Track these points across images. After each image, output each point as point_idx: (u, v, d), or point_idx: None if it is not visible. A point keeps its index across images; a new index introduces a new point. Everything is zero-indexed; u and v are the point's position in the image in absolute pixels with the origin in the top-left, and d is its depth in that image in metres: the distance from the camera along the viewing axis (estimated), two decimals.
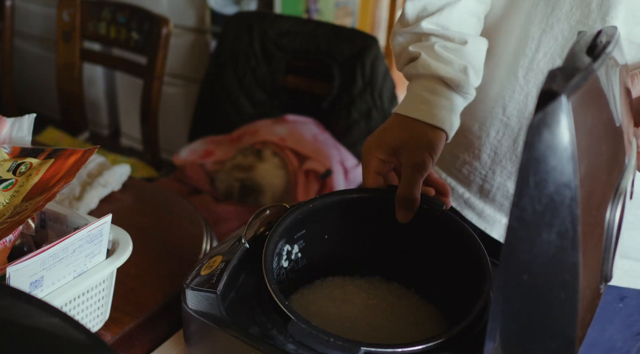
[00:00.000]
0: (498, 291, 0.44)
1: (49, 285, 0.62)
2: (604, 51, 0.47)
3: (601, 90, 0.45)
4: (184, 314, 0.64)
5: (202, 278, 0.62)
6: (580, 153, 0.39)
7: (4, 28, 1.96)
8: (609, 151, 0.47)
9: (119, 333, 0.72)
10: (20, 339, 0.40)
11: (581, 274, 0.42)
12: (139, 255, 0.82)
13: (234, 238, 0.68)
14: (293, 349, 0.54)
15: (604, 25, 0.63)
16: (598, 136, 0.44)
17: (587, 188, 0.41)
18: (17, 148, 0.75)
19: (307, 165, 1.76)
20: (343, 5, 2.40)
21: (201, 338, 0.63)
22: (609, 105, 0.46)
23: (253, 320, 0.58)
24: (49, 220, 0.74)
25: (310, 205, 0.68)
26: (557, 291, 0.42)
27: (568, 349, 0.45)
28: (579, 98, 0.40)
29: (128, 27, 1.77)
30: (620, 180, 0.49)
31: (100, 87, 3.00)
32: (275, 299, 0.57)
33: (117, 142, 3.09)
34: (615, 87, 0.49)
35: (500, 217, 0.76)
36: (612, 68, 0.48)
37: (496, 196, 0.75)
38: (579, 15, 0.64)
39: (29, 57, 3.12)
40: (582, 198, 0.40)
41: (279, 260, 0.67)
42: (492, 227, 0.77)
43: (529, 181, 0.39)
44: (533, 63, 0.69)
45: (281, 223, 0.65)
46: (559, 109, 0.38)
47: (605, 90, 0.46)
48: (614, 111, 0.48)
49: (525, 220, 0.40)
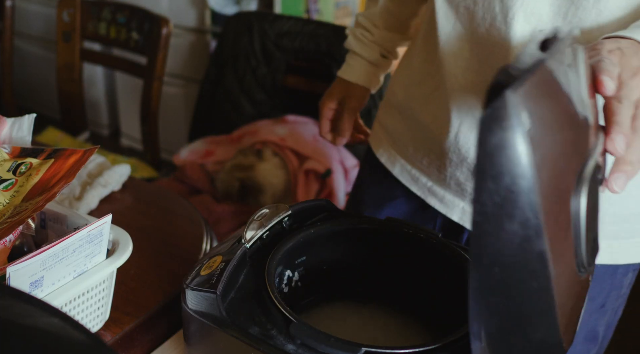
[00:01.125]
0: (474, 288, 0.44)
1: (49, 285, 0.62)
2: (556, 44, 0.47)
3: (554, 81, 0.45)
4: (184, 314, 0.64)
5: (202, 278, 0.63)
6: (534, 143, 0.40)
7: (4, 28, 1.96)
8: (568, 139, 0.48)
9: (119, 333, 0.72)
10: (20, 339, 0.40)
11: (551, 261, 0.42)
12: (139, 255, 0.82)
13: (233, 238, 0.68)
14: (293, 349, 0.54)
15: (511, 26, 0.69)
16: (553, 125, 0.45)
17: (545, 177, 0.42)
18: (17, 148, 0.75)
19: (307, 165, 1.76)
20: (343, 6, 2.40)
21: (201, 338, 0.63)
22: (565, 94, 0.47)
23: (253, 320, 0.58)
24: (49, 220, 0.74)
25: (312, 230, 0.69)
26: (529, 281, 0.43)
27: (552, 337, 0.45)
28: (528, 90, 0.40)
29: (128, 27, 1.77)
30: (583, 167, 0.49)
31: (100, 87, 3.00)
32: (276, 303, 0.58)
33: (117, 142, 3.09)
34: (580, 73, 0.49)
35: (458, 201, 0.83)
36: (571, 57, 0.48)
37: (451, 184, 0.82)
38: (489, 19, 0.72)
39: (29, 57, 3.12)
40: (541, 187, 0.40)
41: (279, 283, 0.68)
42: (452, 211, 0.84)
43: (485, 176, 0.40)
44: (469, 64, 0.76)
45: (283, 245, 0.66)
46: (507, 103, 0.39)
47: (560, 80, 0.46)
48: (575, 99, 0.48)
49: (487, 213, 0.41)
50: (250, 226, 0.67)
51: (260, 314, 0.58)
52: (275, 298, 0.58)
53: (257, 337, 0.56)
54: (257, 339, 0.56)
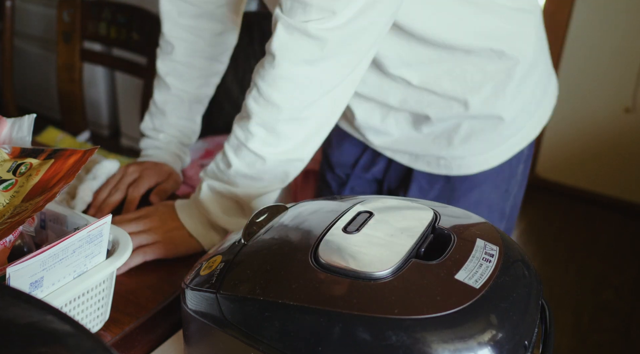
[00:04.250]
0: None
1: (49, 285, 0.62)
2: None
3: None
4: (184, 314, 0.64)
5: (201, 278, 0.63)
6: None
7: (4, 28, 1.96)
8: None
9: (119, 333, 0.72)
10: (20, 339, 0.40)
11: None
12: None
13: (233, 238, 0.68)
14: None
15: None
16: None
17: None
18: (17, 149, 0.75)
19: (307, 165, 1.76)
20: None
21: (201, 338, 0.63)
22: None
23: (253, 320, 0.58)
24: (49, 220, 0.74)
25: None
26: None
27: None
28: None
29: (128, 27, 1.77)
30: None
31: (100, 87, 3.00)
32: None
33: (117, 142, 3.10)
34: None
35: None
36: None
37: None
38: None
39: (29, 57, 3.12)
40: None
41: None
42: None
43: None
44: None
45: None
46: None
47: None
48: None
49: None
50: (249, 226, 0.67)
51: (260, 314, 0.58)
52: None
53: (257, 337, 0.56)
54: (257, 339, 0.56)
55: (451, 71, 0.93)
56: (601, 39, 2.68)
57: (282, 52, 0.78)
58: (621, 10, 2.61)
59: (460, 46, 0.90)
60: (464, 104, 0.95)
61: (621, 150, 2.78)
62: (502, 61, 0.93)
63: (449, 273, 0.54)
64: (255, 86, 0.82)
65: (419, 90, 0.95)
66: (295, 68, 0.79)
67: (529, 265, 0.60)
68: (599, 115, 2.79)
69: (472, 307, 0.52)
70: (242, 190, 0.87)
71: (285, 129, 0.84)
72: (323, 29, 0.75)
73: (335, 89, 0.83)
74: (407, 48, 0.90)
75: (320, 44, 0.76)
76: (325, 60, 0.78)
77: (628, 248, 2.63)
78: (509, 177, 1.07)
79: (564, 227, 2.75)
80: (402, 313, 0.51)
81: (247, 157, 0.85)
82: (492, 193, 1.06)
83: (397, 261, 0.55)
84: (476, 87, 0.94)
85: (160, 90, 1.10)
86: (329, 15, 0.74)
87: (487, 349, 0.50)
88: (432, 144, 1.01)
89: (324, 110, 0.85)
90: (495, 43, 0.91)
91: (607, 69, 2.71)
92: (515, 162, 1.06)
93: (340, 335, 0.52)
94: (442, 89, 0.95)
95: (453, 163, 1.02)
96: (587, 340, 2.07)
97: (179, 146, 1.11)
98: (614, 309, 2.23)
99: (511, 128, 1.01)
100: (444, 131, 0.99)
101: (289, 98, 0.81)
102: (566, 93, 2.83)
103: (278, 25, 0.77)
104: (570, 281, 2.38)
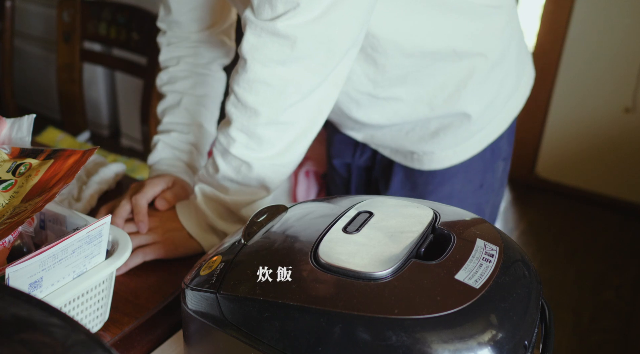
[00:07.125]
0: None
1: (49, 285, 0.62)
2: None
3: None
4: (184, 314, 0.64)
5: (201, 278, 0.63)
6: None
7: (4, 28, 1.96)
8: None
9: (119, 333, 0.72)
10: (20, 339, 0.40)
11: None
12: None
13: (233, 238, 0.68)
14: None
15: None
16: None
17: None
18: (17, 149, 0.75)
19: (307, 165, 1.76)
20: None
21: (201, 338, 0.63)
22: None
23: (253, 320, 0.58)
24: (48, 220, 0.74)
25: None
26: None
27: None
28: None
29: (128, 27, 1.77)
30: None
31: (100, 87, 3.00)
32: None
33: (117, 142, 3.10)
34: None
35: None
36: None
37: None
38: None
39: (29, 57, 3.12)
40: None
41: None
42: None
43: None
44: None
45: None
46: None
47: None
48: None
49: None
50: (249, 226, 0.67)
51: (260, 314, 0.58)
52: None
53: (257, 337, 0.56)
54: (257, 339, 0.56)
55: (417, 79, 0.93)
56: (601, 39, 2.69)
57: (253, 54, 0.77)
58: (621, 10, 2.61)
59: (429, 51, 0.89)
60: (429, 105, 0.96)
61: (621, 150, 2.78)
62: (464, 60, 0.93)
63: (449, 273, 0.54)
64: (232, 91, 0.81)
65: (385, 100, 0.96)
66: (267, 70, 0.77)
67: (529, 265, 0.60)
68: (598, 115, 2.79)
69: (472, 307, 0.52)
70: (230, 198, 0.86)
71: (266, 133, 0.82)
72: (292, 26, 0.74)
73: (316, 91, 0.81)
74: (374, 68, 0.90)
75: (289, 42, 0.75)
76: (298, 60, 0.77)
77: (628, 248, 2.63)
78: (483, 171, 1.07)
79: (564, 227, 2.75)
80: (402, 313, 0.51)
81: (232, 161, 0.84)
82: (465, 187, 1.06)
83: (397, 261, 0.55)
84: (438, 87, 0.94)
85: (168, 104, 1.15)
86: (293, 7, 0.72)
87: (487, 349, 0.50)
88: (405, 139, 1.03)
89: (307, 114, 0.83)
90: (459, 43, 0.91)
91: (607, 69, 2.71)
92: (490, 156, 1.06)
93: (340, 335, 0.51)
94: (407, 96, 0.95)
95: (424, 158, 1.04)
96: (587, 340, 2.07)
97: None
98: (614, 309, 2.23)
99: (479, 122, 1.01)
100: (414, 128, 1.01)
101: (265, 101, 0.79)
102: (566, 93, 2.83)
103: (247, 28, 0.76)
104: (570, 281, 2.38)
